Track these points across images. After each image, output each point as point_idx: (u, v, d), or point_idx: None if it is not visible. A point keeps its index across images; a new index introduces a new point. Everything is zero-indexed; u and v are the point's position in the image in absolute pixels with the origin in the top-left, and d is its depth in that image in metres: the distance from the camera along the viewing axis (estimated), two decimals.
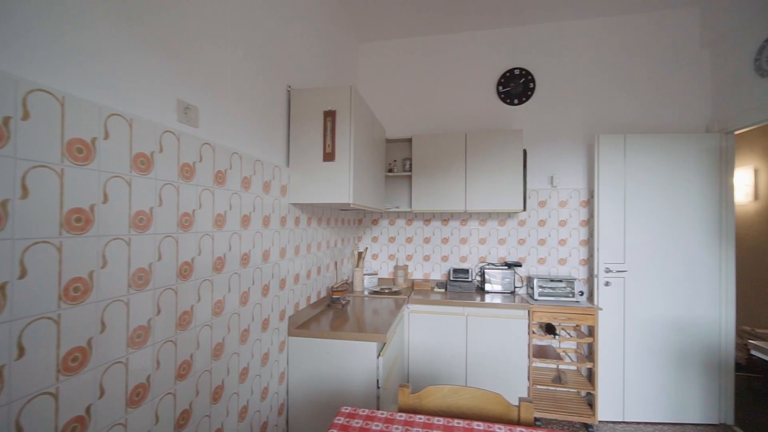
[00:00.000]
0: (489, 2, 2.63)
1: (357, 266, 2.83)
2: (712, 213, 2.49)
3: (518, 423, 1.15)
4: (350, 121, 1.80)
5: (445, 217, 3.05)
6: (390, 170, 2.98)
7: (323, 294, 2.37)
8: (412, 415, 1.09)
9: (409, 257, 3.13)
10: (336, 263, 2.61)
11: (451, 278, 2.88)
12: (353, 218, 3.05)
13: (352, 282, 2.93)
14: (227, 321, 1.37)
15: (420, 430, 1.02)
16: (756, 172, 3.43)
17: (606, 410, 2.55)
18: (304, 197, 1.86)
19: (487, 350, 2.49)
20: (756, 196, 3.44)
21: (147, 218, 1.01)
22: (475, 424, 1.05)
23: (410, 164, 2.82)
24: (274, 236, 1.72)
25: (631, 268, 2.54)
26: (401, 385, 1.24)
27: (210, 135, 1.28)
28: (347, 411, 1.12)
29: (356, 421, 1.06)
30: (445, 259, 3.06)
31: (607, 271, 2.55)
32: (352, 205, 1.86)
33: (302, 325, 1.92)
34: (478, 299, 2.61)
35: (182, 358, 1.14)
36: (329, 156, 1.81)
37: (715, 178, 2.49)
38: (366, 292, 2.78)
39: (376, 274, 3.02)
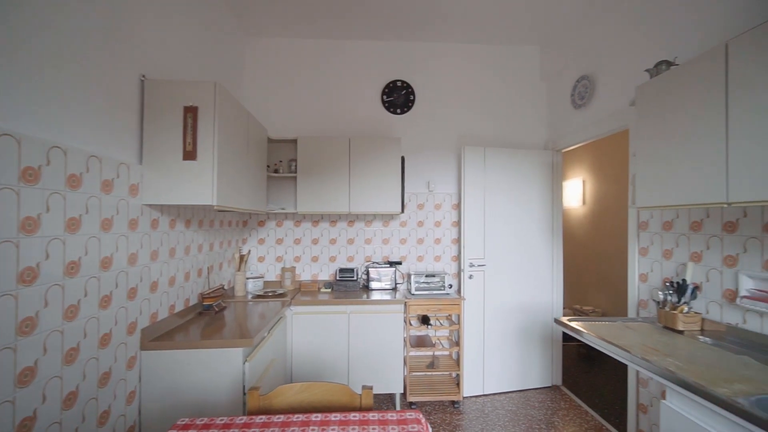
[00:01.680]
0: (375, 14, 2.77)
1: (239, 270, 2.70)
2: (547, 214, 3.07)
3: (360, 409, 1.25)
4: (215, 119, 1.72)
5: (333, 219, 3.12)
6: (275, 171, 2.92)
7: (194, 301, 2.20)
8: (253, 417, 1.11)
9: (297, 259, 3.11)
10: (211, 267, 2.46)
11: (338, 278, 2.96)
12: (236, 220, 2.91)
13: (233, 287, 2.79)
14: (42, 341, 1.18)
15: (257, 430, 1.04)
16: (584, 182, 4.33)
17: (470, 387, 2.93)
18: (161, 198, 1.71)
19: (368, 344, 2.63)
20: (584, 202, 4.33)
21: None
22: (313, 416, 1.11)
23: (296, 165, 2.81)
24: (119, 241, 1.54)
25: (489, 262, 2.96)
26: (250, 389, 1.25)
27: (13, 124, 1.09)
28: (183, 423, 1.08)
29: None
30: (333, 259, 3.13)
31: (471, 265, 2.93)
32: (216, 207, 1.77)
33: (161, 336, 1.76)
34: (364, 297, 2.73)
35: None
36: (190, 155, 1.70)
37: (549, 186, 3.07)
38: (249, 297, 2.68)
39: (262, 277, 2.93)
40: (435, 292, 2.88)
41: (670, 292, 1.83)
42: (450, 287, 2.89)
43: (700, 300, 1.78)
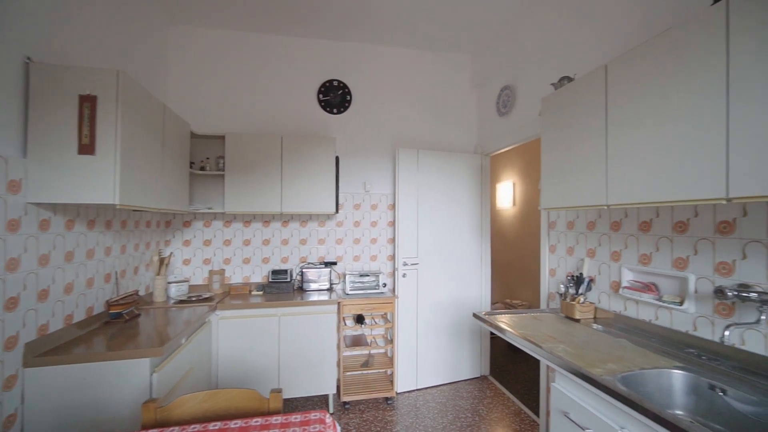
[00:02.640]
0: (311, 10, 2.72)
1: (158, 274, 2.51)
2: (476, 215, 3.25)
3: (268, 413, 1.23)
4: (118, 110, 1.59)
5: (266, 219, 3.03)
6: (202, 168, 2.76)
7: (99, 310, 2.00)
8: None
9: (227, 261, 2.96)
10: (123, 272, 2.25)
11: (271, 280, 2.88)
12: (157, 220, 2.70)
13: (152, 292, 2.58)
14: None
15: None
16: (514, 185, 4.65)
17: (404, 382, 3.01)
18: (51, 196, 1.54)
19: (300, 347, 2.58)
20: (514, 203, 4.65)
21: None
22: (211, 425, 1.07)
23: (224, 163, 2.68)
24: None
25: (422, 261, 3.06)
26: (145, 402, 1.16)
27: None
28: None
29: None
30: (266, 260, 3.03)
31: (405, 264, 3.01)
32: (119, 206, 1.63)
33: (54, 350, 1.58)
34: (298, 298, 2.68)
35: None
36: (87, 148, 1.55)
37: (479, 188, 3.26)
38: (171, 302, 2.50)
39: (187, 281, 2.75)
40: (369, 291, 2.92)
41: (571, 285, 2.03)
42: (384, 286, 2.94)
43: (594, 291, 2.00)
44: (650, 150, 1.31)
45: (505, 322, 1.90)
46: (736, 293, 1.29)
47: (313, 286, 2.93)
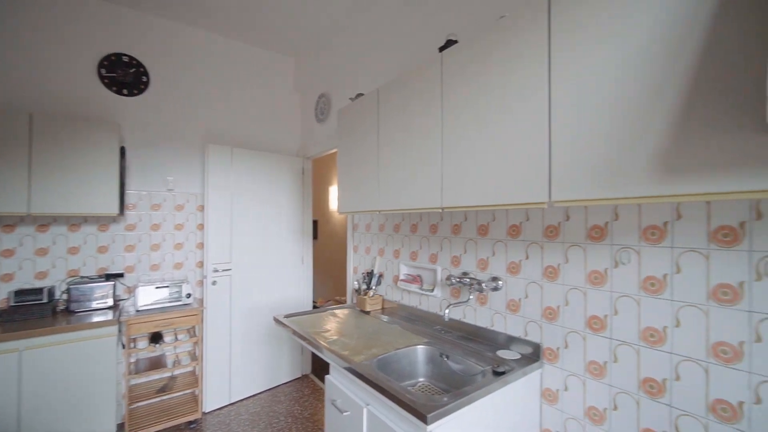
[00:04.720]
0: None
1: None
2: (298, 217, 3.28)
3: None
4: None
5: (9, 222, 2.26)
6: None
7: None
8: None
9: None
10: None
11: (13, 303, 2.16)
12: None
13: None
14: None
15: None
16: None
17: (215, 400, 2.75)
18: None
19: (56, 387, 2.02)
20: None
21: None
22: None
23: None
24: None
25: (236, 266, 2.88)
26: None
27: None
28: None
29: None
30: (7, 278, 2.25)
31: (216, 271, 2.77)
32: None
33: None
34: (63, 323, 2.09)
35: None
36: None
37: (300, 191, 3.30)
38: None
39: None
40: (169, 304, 2.55)
41: (365, 280, 2.27)
42: (189, 297, 2.63)
43: (383, 285, 2.29)
44: (398, 166, 1.58)
45: (301, 323, 1.96)
46: (458, 279, 1.68)
47: (88, 305, 2.35)
